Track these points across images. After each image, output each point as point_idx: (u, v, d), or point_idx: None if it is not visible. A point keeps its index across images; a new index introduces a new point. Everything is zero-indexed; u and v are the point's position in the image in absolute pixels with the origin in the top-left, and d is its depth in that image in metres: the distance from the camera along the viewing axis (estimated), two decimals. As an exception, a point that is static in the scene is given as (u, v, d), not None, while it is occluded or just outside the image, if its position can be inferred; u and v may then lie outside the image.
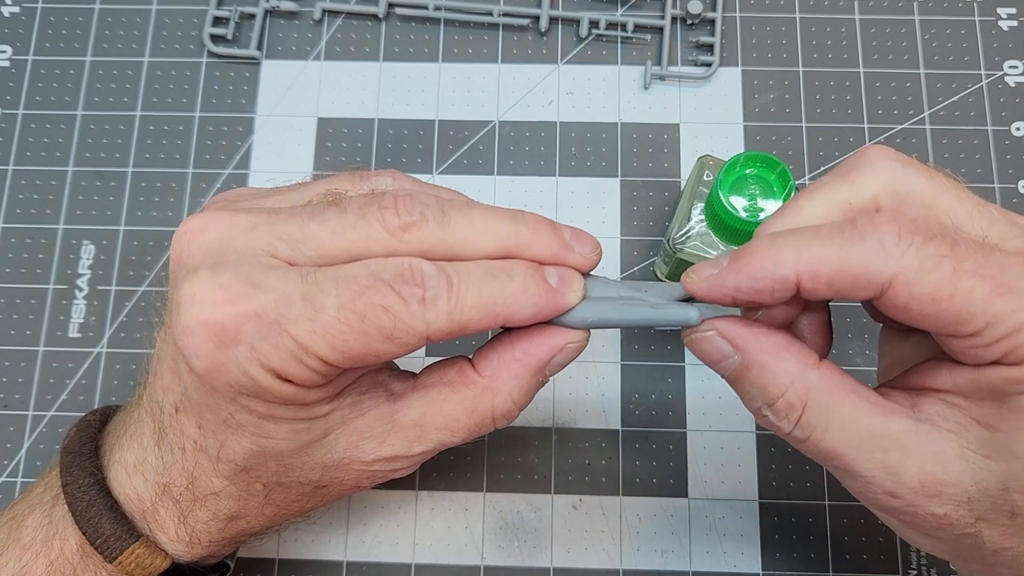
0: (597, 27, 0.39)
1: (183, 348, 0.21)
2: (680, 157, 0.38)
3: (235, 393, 0.21)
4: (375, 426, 0.24)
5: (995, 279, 0.19)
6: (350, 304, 0.20)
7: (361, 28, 0.40)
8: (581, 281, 0.24)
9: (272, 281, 0.21)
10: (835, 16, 0.40)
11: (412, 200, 0.22)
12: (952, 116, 0.38)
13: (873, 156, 0.22)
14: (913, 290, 0.19)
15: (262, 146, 0.39)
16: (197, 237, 0.22)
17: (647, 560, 0.33)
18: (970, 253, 0.20)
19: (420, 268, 0.21)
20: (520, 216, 0.23)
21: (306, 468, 0.24)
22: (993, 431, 0.21)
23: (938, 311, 0.20)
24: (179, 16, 0.40)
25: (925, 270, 0.19)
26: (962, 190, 0.22)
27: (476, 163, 0.38)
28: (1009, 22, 0.39)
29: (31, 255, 0.37)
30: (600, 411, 0.35)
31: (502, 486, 0.34)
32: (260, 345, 0.20)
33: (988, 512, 0.21)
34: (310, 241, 0.22)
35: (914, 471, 0.21)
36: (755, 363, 0.22)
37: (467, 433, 0.25)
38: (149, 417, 0.25)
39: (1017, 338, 0.20)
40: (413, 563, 0.33)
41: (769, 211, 0.29)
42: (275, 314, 0.20)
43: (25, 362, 0.36)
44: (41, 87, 0.39)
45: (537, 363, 0.24)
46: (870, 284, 0.20)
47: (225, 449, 0.23)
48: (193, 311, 0.21)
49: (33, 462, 0.35)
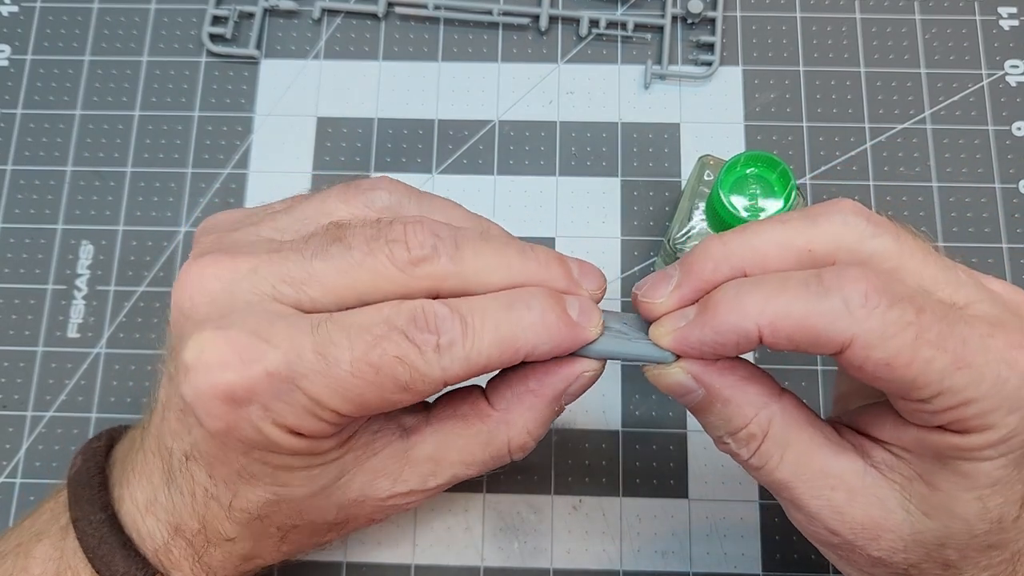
0: (597, 26, 0.39)
1: (194, 408, 0.20)
2: (680, 157, 0.38)
3: (248, 448, 0.21)
4: (389, 464, 0.24)
5: (955, 352, 0.19)
6: (364, 356, 0.20)
7: (360, 27, 0.40)
8: (600, 314, 0.23)
9: (281, 333, 0.20)
10: (836, 15, 0.40)
11: (423, 229, 0.21)
12: (953, 116, 0.38)
13: (845, 208, 0.21)
14: (871, 353, 0.19)
15: (261, 146, 0.39)
16: (198, 287, 0.21)
17: (647, 561, 0.33)
18: (935, 322, 0.19)
19: (433, 312, 0.21)
20: (529, 251, 0.23)
21: (321, 510, 0.24)
22: (933, 490, 0.21)
23: (893, 376, 0.19)
24: (178, 15, 0.40)
25: (887, 335, 0.19)
26: (929, 252, 0.21)
27: (476, 163, 0.38)
28: (1010, 21, 0.39)
29: (30, 255, 0.37)
30: (600, 411, 0.35)
31: (502, 487, 0.34)
32: (274, 404, 0.20)
33: (922, 561, 0.22)
34: (315, 282, 0.21)
35: (857, 513, 0.22)
36: (719, 398, 0.22)
37: (482, 466, 0.24)
38: (157, 457, 0.24)
39: (965, 411, 0.19)
40: (413, 564, 0.33)
41: (770, 211, 0.29)
42: (288, 372, 0.20)
43: (24, 362, 0.36)
44: (40, 87, 0.39)
45: (553, 393, 0.23)
46: (830, 343, 0.19)
47: (238, 499, 0.23)
48: (203, 373, 0.20)
49: (32, 463, 0.35)
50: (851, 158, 0.38)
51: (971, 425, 0.20)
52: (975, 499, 0.20)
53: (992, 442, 0.20)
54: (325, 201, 0.23)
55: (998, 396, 0.19)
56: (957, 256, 0.36)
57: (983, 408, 0.19)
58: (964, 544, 0.21)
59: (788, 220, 0.22)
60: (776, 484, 0.23)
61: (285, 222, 0.23)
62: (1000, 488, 0.20)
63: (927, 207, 0.37)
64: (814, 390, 0.35)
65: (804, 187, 0.37)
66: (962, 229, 0.37)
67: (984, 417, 0.19)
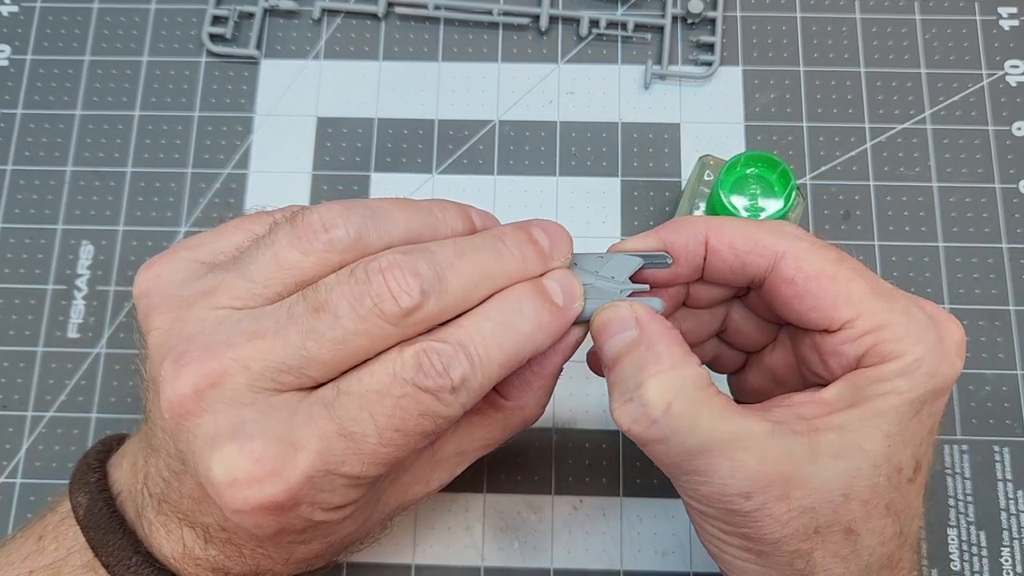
0: (597, 26, 0.39)
1: (239, 524, 0.21)
2: (680, 157, 0.38)
3: (301, 531, 0.22)
4: (420, 473, 0.25)
5: (872, 283, 0.23)
6: (388, 424, 0.20)
7: (360, 27, 0.40)
8: (581, 286, 0.24)
9: (303, 430, 0.20)
10: (836, 15, 0.40)
11: (403, 276, 0.20)
12: (953, 116, 0.38)
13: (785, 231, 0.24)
14: (802, 264, 0.22)
15: (261, 146, 0.39)
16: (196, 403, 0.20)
17: (648, 561, 0.33)
18: (852, 259, 0.23)
19: (436, 351, 0.20)
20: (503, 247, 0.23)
21: (366, 526, 0.25)
22: (843, 431, 0.22)
23: (820, 288, 0.22)
24: (178, 15, 0.40)
25: (815, 251, 0.23)
26: None
27: (476, 163, 0.38)
28: (1010, 21, 0.39)
29: (30, 255, 0.37)
30: (600, 411, 0.35)
31: (502, 487, 0.34)
32: (319, 498, 0.21)
33: (826, 525, 0.22)
34: (313, 365, 0.20)
35: (770, 468, 0.21)
36: (646, 341, 0.22)
37: (502, 441, 0.26)
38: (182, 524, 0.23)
39: (880, 334, 0.22)
40: (413, 564, 0.33)
41: (770, 211, 0.29)
42: (324, 466, 0.20)
43: (24, 362, 0.36)
44: (40, 87, 0.39)
45: (554, 369, 0.25)
46: (765, 252, 0.23)
47: (295, 555, 0.23)
48: (240, 495, 0.20)
49: (32, 463, 0.35)
50: (851, 158, 0.38)
51: (885, 351, 0.22)
52: (883, 435, 0.22)
53: (902, 368, 0.22)
54: (278, 254, 0.22)
55: (908, 325, 0.22)
56: (957, 256, 0.36)
57: (895, 334, 0.22)
58: (868, 495, 0.21)
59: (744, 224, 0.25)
60: (690, 451, 0.22)
61: (243, 287, 0.22)
62: (903, 429, 0.22)
63: (927, 207, 0.37)
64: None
65: (804, 187, 0.37)
66: (962, 229, 0.37)
67: (897, 342, 0.22)
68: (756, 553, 0.22)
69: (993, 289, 0.36)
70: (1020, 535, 0.33)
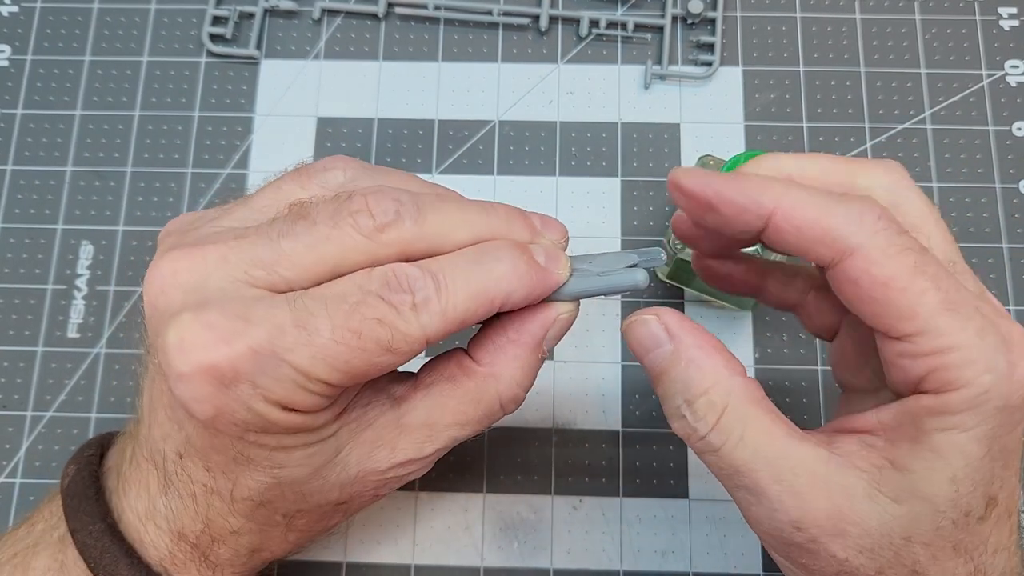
0: (597, 26, 0.39)
1: (181, 396, 0.20)
2: (680, 157, 0.38)
3: (242, 431, 0.21)
4: (384, 434, 0.24)
5: (948, 294, 0.20)
6: (344, 323, 0.20)
7: (360, 27, 0.40)
8: (567, 257, 0.24)
9: (261, 313, 0.20)
10: (836, 15, 0.40)
11: (384, 197, 0.22)
12: (953, 116, 0.38)
13: (891, 164, 0.23)
14: (871, 268, 0.20)
15: (261, 146, 0.39)
16: (169, 281, 0.21)
17: (647, 561, 0.33)
18: (935, 262, 0.20)
19: (404, 273, 0.21)
20: (491, 207, 0.23)
21: (324, 491, 0.24)
22: (905, 473, 0.21)
23: (886, 298, 0.20)
24: (178, 16, 0.40)
25: (889, 254, 0.20)
26: (951, 236, 0.22)
27: (476, 163, 0.38)
28: (1010, 21, 0.39)
29: (30, 255, 0.37)
30: (600, 411, 0.35)
31: (502, 487, 0.34)
32: (262, 380, 0.20)
33: (889, 566, 0.21)
34: (285, 261, 0.21)
35: (822, 501, 0.21)
36: (685, 356, 0.22)
37: (477, 424, 0.24)
38: (150, 464, 0.24)
39: (944, 358, 0.20)
40: (413, 564, 0.33)
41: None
42: (271, 346, 0.20)
43: (24, 362, 0.36)
44: (40, 87, 0.39)
45: (533, 340, 0.24)
46: (834, 245, 0.20)
47: (238, 487, 0.23)
48: (185, 357, 0.20)
49: (32, 463, 0.35)
50: (851, 158, 0.38)
51: (948, 378, 0.20)
52: (947, 480, 0.20)
53: (967, 400, 0.20)
54: (280, 188, 0.24)
55: (978, 349, 0.19)
56: (957, 256, 0.36)
57: (962, 358, 0.19)
58: (930, 539, 0.21)
59: (838, 159, 0.23)
60: (735, 466, 0.22)
61: (243, 213, 0.23)
62: (972, 472, 0.20)
63: (927, 207, 0.37)
64: (815, 390, 0.35)
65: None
66: (962, 229, 0.37)
67: (961, 369, 0.19)
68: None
69: (993, 289, 0.36)
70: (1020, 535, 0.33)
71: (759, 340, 0.36)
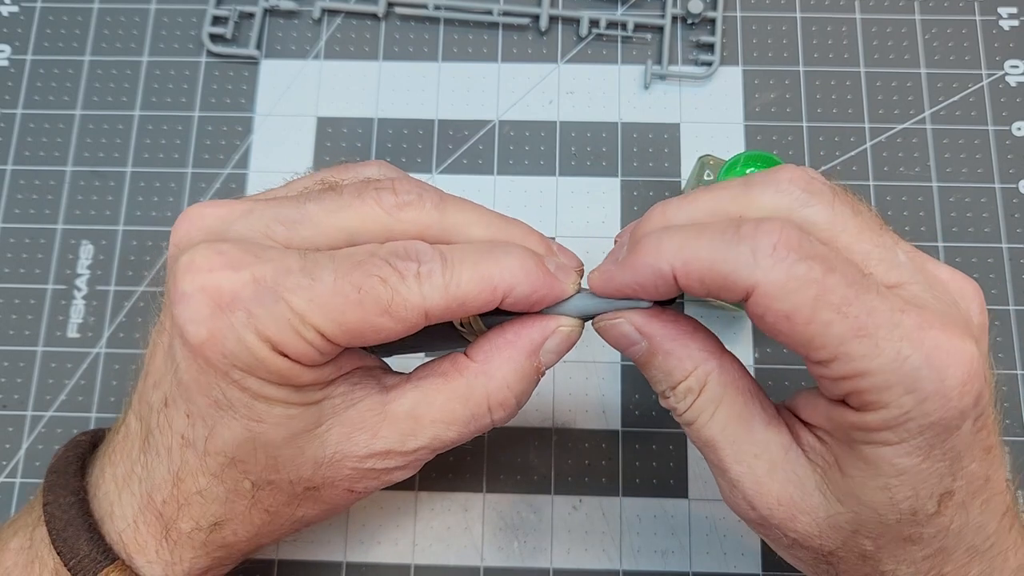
0: (597, 26, 0.39)
1: (179, 316, 0.21)
2: (680, 157, 0.38)
3: (229, 366, 0.21)
4: (367, 416, 0.23)
5: (857, 320, 0.19)
6: (346, 276, 0.21)
7: (360, 27, 0.40)
8: (577, 276, 0.24)
9: (271, 254, 0.21)
10: (836, 15, 0.40)
11: (409, 182, 0.23)
12: (953, 116, 0.38)
13: (782, 177, 0.21)
14: (772, 304, 0.19)
15: (261, 146, 0.39)
16: (196, 223, 0.23)
17: (647, 561, 0.33)
18: (842, 285, 0.19)
19: (414, 246, 0.22)
20: (512, 220, 0.24)
21: (297, 463, 0.23)
22: (845, 477, 0.21)
23: (792, 331, 0.20)
24: (178, 15, 0.40)
25: (788, 289, 0.19)
26: (867, 227, 0.21)
27: (476, 163, 0.38)
28: (1010, 21, 0.39)
29: (30, 255, 0.37)
30: (600, 411, 0.35)
31: (502, 487, 0.34)
32: (257, 311, 0.20)
33: (840, 549, 0.22)
34: (307, 221, 0.22)
35: (776, 487, 0.22)
36: (660, 350, 0.23)
37: (463, 426, 0.24)
38: (138, 421, 0.24)
39: (859, 382, 0.19)
40: (413, 564, 0.33)
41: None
42: (273, 282, 0.20)
43: (24, 362, 0.36)
44: (40, 87, 0.39)
45: (530, 344, 0.24)
46: (735, 287, 0.20)
47: (213, 437, 0.22)
48: (190, 276, 0.21)
49: (32, 462, 0.35)
50: (851, 158, 0.38)
51: (866, 400, 0.20)
52: (880, 488, 0.20)
53: (887, 421, 0.20)
54: (316, 174, 0.25)
55: (895, 373, 0.19)
56: (957, 256, 0.36)
57: (877, 383, 0.19)
58: (877, 534, 0.21)
59: (725, 187, 0.22)
60: (704, 442, 0.23)
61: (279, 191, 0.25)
62: (908, 479, 0.20)
63: (927, 207, 0.37)
64: (814, 390, 0.35)
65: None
66: (962, 229, 0.37)
67: (878, 393, 0.19)
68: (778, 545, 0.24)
69: (993, 289, 0.36)
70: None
71: (759, 340, 0.36)
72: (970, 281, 0.22)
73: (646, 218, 0.23)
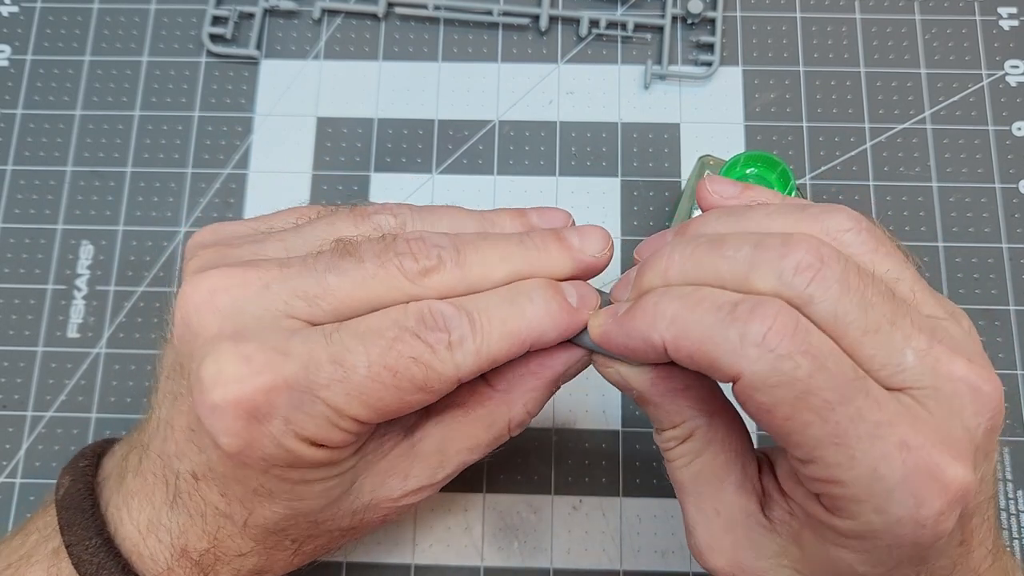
0: (597, 26, 0.39)
1: (211, 428, 0.20)
2: (680, 157, 0.38)
3: (268, 466, 0.21)
4: (397, 464, 0.24)
5: (838, 426, 0.18)
6: (380, 360, 0.20)
7: (360, 27, 0.40)
8: (598, 299, 0.23)
9: (297, 346, 0.20)
10: (836, 15, 0.40)
11: (426, 244, 0.22)
12: (953, 116, 0.38)
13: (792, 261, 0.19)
14: (754, 395, 0.19)
15: (261, 146, 0.39)
16: (207, 300, 0.21)
17: (647, 561, 0.33)
18: (829, 387, 0.18)
19: (440, 310, 0.21)
20: (527, 238, 0.23)
21: (336, 518, 0.24)
22: (808, 559, 0.21)
23: (771, 423, 0.19)
24: (178, 16, 0.40)
25: (770, 383, 0.18)
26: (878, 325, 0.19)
27: (476, 163, 0.38)
28: (1010, 21, 0.39)
29: (30, 255, 0.37)
30: (600, 411, 0.35)
31: (502, 487, 0.34)
32: (295, 416, 0.20)
33: None
34: (330, 296, 0.21)
35: (727, 545, 0.22)
36: (652, 401, 0.23)
37: (486, 448, 0.25)
38: (158, 479, 0.24)
39: (832, 488, 0.19)
40: (413, 564, 0.33)
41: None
42: (306, 382, 0.20)
43: (24, 362, 0.36)
44: (40, 87, 0.39)
45: (553, 375, 0.24)
46: (721, 372, 0.19)
47: (254, 516, 0.23)
48: (221, 390, 0.20)
49: (32, 463, 0.35)
50: (851, 158, 0.38)
51: (837, 506, 0.19)
52: None
53: (855, 532, 0.19)
54: (334, 224, 0.24)
55: (867, 490, 0.18)
56: (957, 256, 0.36)
57: (849, 494, 0.19)
58: None
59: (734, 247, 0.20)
60: (674, 481, 0.24)
61: (293, 241, 0.23)
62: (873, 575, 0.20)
63: (927, 207, 0.37)
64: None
65: (804, 187, 0.37)
66: (962, 229, 0.37)
67: (849, 505, 0.19)
68: None
69: (993, 289, 0.36)
70: (1020, 535, 0.33)
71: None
72: (987, 378, 0.20)
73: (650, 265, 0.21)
